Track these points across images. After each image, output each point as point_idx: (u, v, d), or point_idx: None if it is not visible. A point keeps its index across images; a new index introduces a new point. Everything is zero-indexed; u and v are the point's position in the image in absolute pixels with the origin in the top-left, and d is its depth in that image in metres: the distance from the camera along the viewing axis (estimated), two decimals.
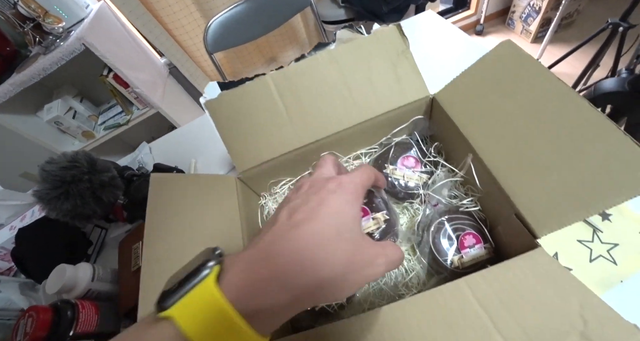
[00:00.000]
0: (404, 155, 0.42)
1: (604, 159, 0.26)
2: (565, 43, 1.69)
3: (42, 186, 0.57)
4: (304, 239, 0.18)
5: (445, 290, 0.26)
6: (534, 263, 0.26)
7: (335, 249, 0.18)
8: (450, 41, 0.75)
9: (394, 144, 0.43)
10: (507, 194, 0.30)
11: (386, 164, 0.42)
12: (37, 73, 1.03)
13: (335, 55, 0.40)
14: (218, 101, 0.40)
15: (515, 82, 0.32)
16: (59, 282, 0.49)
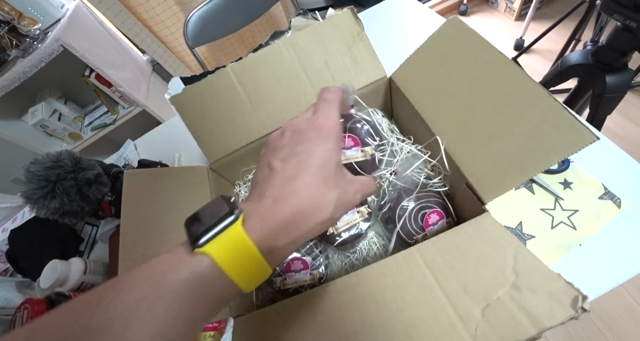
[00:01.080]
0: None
1: (539, 125, 0.28)
2: (548, 19, 1.68)
3: (29, 186, 0.58)
4: (301, 193, 0.22)
5: (399, 257, 0.28)
6: (478, 227, 0.28)
7: (325, 198, 0.23)
8: (426, 24, 0.75)
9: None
10: (458, 165, 0.32)
11: None
12: (18, 77, 1.02)
13: (291, 42, 0.40)
14: (183, 96, 0.41)
15: (460, 57, 0.34)
16: (52, 276, 0.51)
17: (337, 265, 0.40)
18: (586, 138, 0.26)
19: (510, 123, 0.30)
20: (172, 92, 0.42)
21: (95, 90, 1.21)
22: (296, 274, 0.36)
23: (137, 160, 0.77)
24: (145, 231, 0.35)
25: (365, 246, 0.40)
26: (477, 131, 0.32)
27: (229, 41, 1.55)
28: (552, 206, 0.42)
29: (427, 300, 0.24)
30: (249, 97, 0.41)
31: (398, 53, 0.41)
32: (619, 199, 0.41)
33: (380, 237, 0.41)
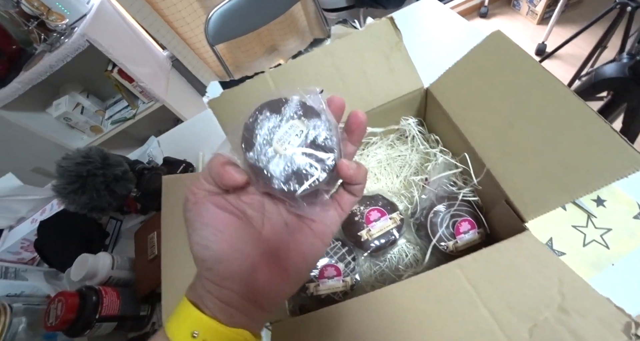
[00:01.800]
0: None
1: (586, 146, 0.27)
2: (572, 23, 1.64)
3: (60, 181, 0.60)
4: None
5: (440, 271, 0.28)
6: (520, 245, 0.28)
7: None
8: (451, 28, 0.74)
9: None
10: (497, 181, 0.32)
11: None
12: (44, 70, 1.05)
13: (330, 50, 0.41)
14: (220, 100, 0.41)
15: (504, 72, 0.34)
16: (82, 270, 0.53)
17: (366, 273, 0.40)
18: (637, 163, 0.26)
19: (555, 142, 0.29)
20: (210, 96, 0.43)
21: (116, 85, 1.23)
22: (329, 280, 0.36)
23: (160, 157, 0.79)
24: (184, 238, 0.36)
25: (396, 253, 0.41)
26: (519, 147, 0.31)
27: (247, 39, 1.56)
28: (585, 223, 0.42)
29: (471, 317, 0.25)
30: None
31: (423, 58, 0.41)
32: None
33: (411, 244, 0.41)
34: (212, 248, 0.19)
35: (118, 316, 0.50)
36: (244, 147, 0.20)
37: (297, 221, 0.22)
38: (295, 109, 0.20)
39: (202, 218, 0.19)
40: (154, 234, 0.57)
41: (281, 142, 0.19)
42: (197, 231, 0.19)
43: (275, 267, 0.20)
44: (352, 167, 0.19)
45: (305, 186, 0.19)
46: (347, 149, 0.22)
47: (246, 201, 0.21)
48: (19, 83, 1.05)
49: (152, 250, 0.55)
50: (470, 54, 0.37)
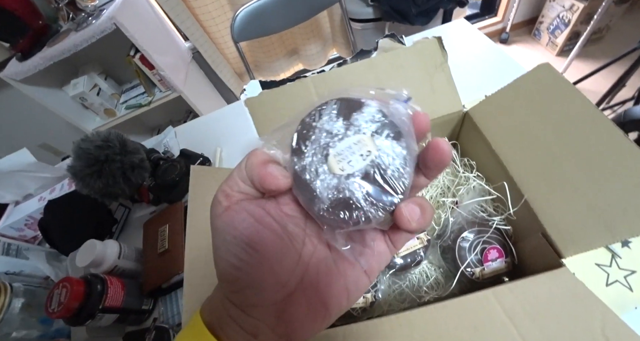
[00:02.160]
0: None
1: (632, 188, 0.27)
2: (591, 58, 1.66)
3: (77, 162, 0.59)
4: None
5: (473, 298, 0.28)
6: (559, 281, 0.28)
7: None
8: (479, 51, 0.75)
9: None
10: (535, 213, 0.32)
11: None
12: (68, 49, 1.05)
13: (374, 63, 0.41)
14: (258, 99, 0.41)
15: (549, 104, 0.34)
16: (89, 256, 0.51)
17: (386, 291, 0.39)
18: None
19: (600, 179, 0.29)
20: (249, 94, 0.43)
21: (136, 70, 1.23)
22: None
23: (177, 148, 0.78)
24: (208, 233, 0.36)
25: (417, 274, 0.40)
26: (562, 181, 0.31)
27: (269, 40, 1.57)
28: (609, 262, 0.42)
29: None
30: None
31: (455, 78, 0.41)
32: None
33: (433, 266, 0.40)
34: (244, 269, 0.15)
35: (121, 308, 0.49)
36: (293, 150, 0.16)
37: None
38: (370, 120, 0.16)
39: (234, 230, 0.16)
40: (166, 228, 0.57)
41: (340, 158, 0.15)
42: (228, 245, 0.16)
43: (314, 299, 0.17)
44: (414, 218, 0.15)
45: (349, 224, 0.15)
46: (417, 181, 0.17)
47: (288, 213, 0.17)
48: (40, 59, 1.05)
49: (162, 243, 0.54)
50: (515, 83, 0.37)
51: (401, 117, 0.16)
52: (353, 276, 0.18)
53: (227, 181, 0.17)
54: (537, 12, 1.84)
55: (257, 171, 0.16)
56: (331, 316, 0.18)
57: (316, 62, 1.69)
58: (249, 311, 0.16)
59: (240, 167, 0.17)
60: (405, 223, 0.15)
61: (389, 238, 0.18)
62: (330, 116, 0.16)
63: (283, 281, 0.16)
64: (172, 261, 0.52)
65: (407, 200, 0.15)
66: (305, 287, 0.17)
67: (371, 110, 0.16)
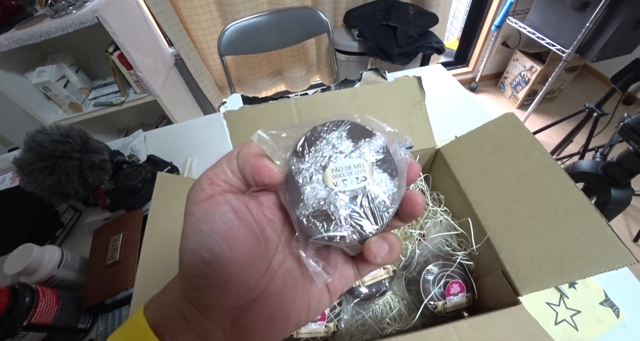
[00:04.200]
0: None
1: (582, 234, 0.30)
2: (546, 114, 1.86)
3: (27, 155, 0.54)
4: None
5: (435, 333, 0.28)
6: (515, 318, 0.29)
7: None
8: (452, 95, 0.81)
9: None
10: (497, 251, 0.33)
11: None
12: (39, 34, 0.99)
13: (357, 93, 0.42)
14: (238, 113, 0.41)
15: (513, 151, 0.37)
16: (22, 263, 0.45)
17: (348, 321, 0.38)
18: (626, 259, 0.28)
19: (554, 225, 0.32)
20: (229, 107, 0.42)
21: (112, 68, 1.18)
22: (312, 324, 0.34)
23: (144, 153, 0.74)
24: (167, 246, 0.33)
25: (381, 304, 0.39)
26: (521, 224, 0.33)
27: (255, 57, 1.59)
28: (557, 302, 0.44)
29: None
30: None
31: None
32: (617, 308, 0.43)
33: (397, 297, 0.40)
34: (213, 265, 0.14)
35: (50, 325, 0.43)
36: (296, 151, 0.16)
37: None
38: (375, 151, 0.17)
39: (212, 222, 0.15)
40: (119, 237, 0.52)
41: (336, 174, 0.16)
42: (202, 236, 0.14)
43: (275, 310, 0.16)
44: (380, 255, 0.16)
45: (323, 236, 0.15)
46: (393, 222, 0.17)
47: (268, 217, 0.17)
48: (5, 40, 0.97)
49: (112, 254, 0.49)
50: (484, 128, 0.40)
51: (400, 160, 0.17)
52: (316, 293, 0.18)
53: (213, 168, 0.16)
54: (502, 68, 2.05)
55: (251, 161, 0.15)
56: (288, 330, 0.17)
57: (299, 85, 1.73)
58: (206, 312, 0.15)
59: (230, 156, 0.16)
60: (371, 256, 0.16)
61: (356, 265, 0.18)
62: (342, 134, 0.17)
63: (250, 285, 0.15)
64: (122, 274, 0.47)
65: (380, 235, 0.16)
66: (269, 296, 0.16)
67: (379, 143, 0.17)
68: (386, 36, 1.32)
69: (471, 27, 1.98)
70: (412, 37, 1.31)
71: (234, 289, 0.15)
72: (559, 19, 1.47)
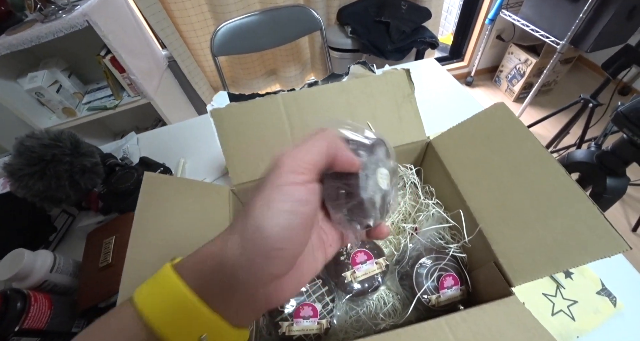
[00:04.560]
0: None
1: (574, 223, 0.29)
2: (541, 107, 1.86)
3: (16, 160, 0.53)
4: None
5: (427, 327, 0.27)
6: (508, 309, 0.28)
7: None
8: (446, 89, 0.81)
9: None
10: (489, 243, 0.33)
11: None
12: (30, 40, 0.98)
13: (345, 87, 0.42)
14: (225, 111, 0.40)
15: (505, 141, 0.36)
16: (13, 268, 0.45)
17: (342, 317, 0.38)
18: (620, 246, 0.28)
19: (547, 215, 0.31)
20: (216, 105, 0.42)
21: (105, 71, 1.17)
22: (304, 321, 0.34)
23: (137, 155, 0.74)
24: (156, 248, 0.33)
25: (375, 300, 0.39)
26: (513, 215, 0.33)
27: (250, 57, 1.59)
28: (554, 292, 0.44)
29: None
30: (292, 129, 0.41)
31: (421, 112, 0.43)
32: (614, 297, 0.43)
33: (391, 292, 0.40)
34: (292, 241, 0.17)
35: (43, 330, 0.42)
36: (369, 147, 0.22)
37: (324, 239, 0.22)
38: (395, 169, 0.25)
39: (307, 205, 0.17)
40: (112, 240, 0.51)
41: (381, 175, 0.22)
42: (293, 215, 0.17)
43: (295, 273, 0.19)
44: (386, 232, 0.24)
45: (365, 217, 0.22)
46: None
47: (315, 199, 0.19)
48: None
49: (105, 257, 0.49)
50: (474, 119, 0.40)
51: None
52: (320, 262, 0.21)
53: (304, 152, 0.18)
54: (498, 62, 2.04)
55: (342, 151, 0.19)
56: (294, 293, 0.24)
57: (293, 84, 1.73)
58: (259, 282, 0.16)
59: (319, 143, 0.19)
60: (384, 231, 0.23)
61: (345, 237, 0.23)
62: (385, 151, 0.24)
63: (299, 251, 0.18)
64: (115, 277, 0.47)
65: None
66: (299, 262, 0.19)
67: (396, 165, 0.25)
68: (379, 32, 1.31)
69: (465, 22, 1.97)
70: (405, 32, 1.30)
71: (295, 262, 0.18)
72: (553, 11, 1.46)
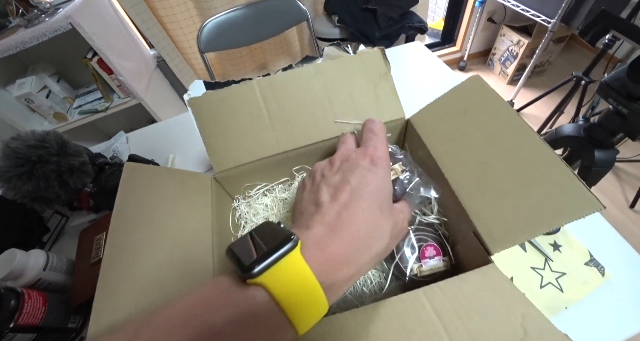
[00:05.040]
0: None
1: (550, 187, 0.29)
2: (536, 88, 1.84)
3: (4, 162, 0.54)
4: (357, 221, 0.21)
5: (405, 298, 0.28)
6: (486, 277, 0.28)
7: (382, 226, 0.23)
8: (433, 72, 0.80)
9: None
10: (467, 213, 0.33)
11: None
12: (15, 45, 0.98)
13: (321, 69, 0.42)
14: (202, 100, 0.40)
15: (480, 113, 0.36)
16: (6, 267, 0.46)
17: None
18: (593, 206, 0.28)
19: (524, 183, 0.31)
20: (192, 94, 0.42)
21: (93, 74, 1.17)
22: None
23: (127, 154, 0.74)
24: (136, 234, 0.33)
25: (361, 279, 0.39)
26: (491, 185, 0.33)
27: (239, 53, 1.58)
28: (542, 265, 0.44)
29: None
30: (269, 113, 0.41)
31: (406, 95, 0.44)
32: (602, 267, 0.43)
33: (377, 271, 0.40)
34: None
35: (39, 326, 0.43)
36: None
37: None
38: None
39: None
40: (102, 235, 0.52)
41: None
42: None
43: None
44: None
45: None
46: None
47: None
48: None
49: (96, 253, 0.50)
50: (450, 93, 0.40)
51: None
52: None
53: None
54: (490, 45, 2.02)
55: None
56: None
57: None
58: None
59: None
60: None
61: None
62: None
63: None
64: None
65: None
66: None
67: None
68: (367, 20, 1.30)
69: (455, 5, 1.95)
70: (392, 18, 1.29)
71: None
72: None
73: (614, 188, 1.32)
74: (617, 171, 1.35)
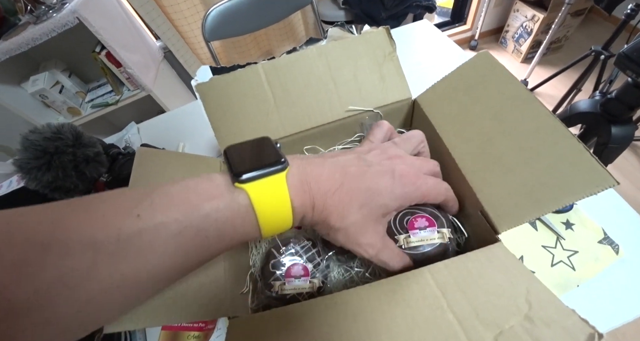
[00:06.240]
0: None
1: (559, 163, 0.28)
2: (552, 66, 1.76)
3: (24, 155, 0.56)
4: (372, 179, 0.27)
5: (410, 275, 0.28)
6: (491, 255, 0.28)
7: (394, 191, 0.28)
8: (442, 52, 0.78)
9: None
10: (474, 192, 0.32)
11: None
12: (26, 42, 1.00)
13: (324, 51, 0.41)
14: (209, 85, 0.41)
15: (487, 89, 0.35)
16: None
17: (337, 279, 0.39)
18: (607, 181, 0.27)
19: (530, 158, 0.30)
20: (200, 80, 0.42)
21: (102, 68, 1.19)
22: (296, 280, 0.35)
23: (138, 144, 0.75)
24: None
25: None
26: (497, 161, 0.32)
27: (244, 40, 1.56)
28: (554, 244, 0.43)
29: (438, 322, 0.24)
30: (274, 97, 0.41)
31: (414, 75, 0.43)
32: (617, 245, 0.42)
33: None
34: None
35: None
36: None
37: None
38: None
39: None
40: None
41: None
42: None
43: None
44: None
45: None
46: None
47: None
48: None
49: None
50: (458, 71, 0.39)
51: None
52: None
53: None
54: (503, 22, 1.94)
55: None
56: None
57: None
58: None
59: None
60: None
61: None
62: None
63: None
64: None
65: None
66: None
67: None
68: (372, 0, 1.26)
69: None
70: None
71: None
72: None
73: (632, 166, 1.27)
74: (636, 149, 1.30)
